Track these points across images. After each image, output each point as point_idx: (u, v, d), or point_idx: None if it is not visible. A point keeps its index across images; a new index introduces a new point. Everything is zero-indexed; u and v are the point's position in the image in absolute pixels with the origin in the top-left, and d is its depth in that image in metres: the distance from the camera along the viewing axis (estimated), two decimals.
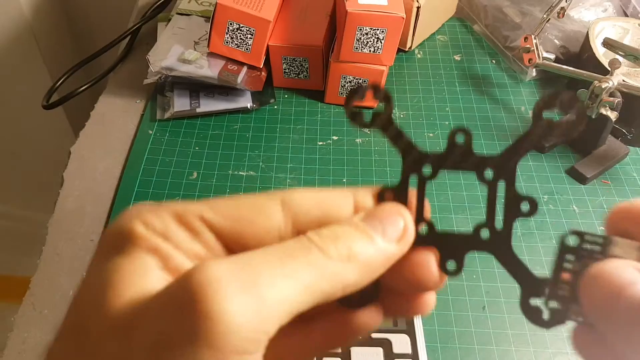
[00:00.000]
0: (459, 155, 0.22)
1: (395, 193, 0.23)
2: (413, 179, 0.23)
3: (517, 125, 0.59)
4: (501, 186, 0.22)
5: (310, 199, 0.21)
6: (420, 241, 0.22)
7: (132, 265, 0.18)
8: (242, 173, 0.54)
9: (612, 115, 0.51)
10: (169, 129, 0.58)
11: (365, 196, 0.22)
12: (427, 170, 0.23)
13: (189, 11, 0.65)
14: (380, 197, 0.23)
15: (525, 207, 0.22)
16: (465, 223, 0.50)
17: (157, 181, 0.53)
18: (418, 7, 0.63)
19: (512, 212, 0.22)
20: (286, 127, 0.59)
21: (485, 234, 0.22)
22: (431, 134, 0.58)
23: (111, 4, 0.91)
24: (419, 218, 0.23)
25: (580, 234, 0.21)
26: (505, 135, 0.58)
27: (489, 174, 0.22)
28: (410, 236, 0.22)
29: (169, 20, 0.65)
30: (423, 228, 0.23)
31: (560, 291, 0.21)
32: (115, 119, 0.60)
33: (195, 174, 0.54)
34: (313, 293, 0.18)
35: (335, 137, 0.58)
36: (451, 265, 0.22)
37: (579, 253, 0.21)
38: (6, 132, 0.94)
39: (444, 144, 0.23)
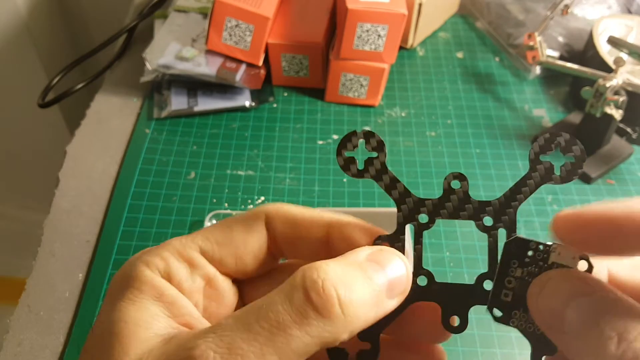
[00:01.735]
0: (455, 202, 0.22)
1: (390, 243, 0.22)
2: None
3: (521, 124, 0.58)
4: (502, 233, 0.22)
5: (289, 218, 0.23)
6: (420, 295, 0.22)
7: (138, 315, 0.19)
8: (241, 173, 0.53)
9: (617, 114, 0.51)
10: (166, 127, 0.57)
11: (342, 224, 0.23)
12: (423, 218, 0.22)
13: (186, 8, 0.64)
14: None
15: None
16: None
17: (154, 181, 0.52)
18: (420, 4, 0.62)
19: None
20: (285, 125, 0.58)
21: (488, 285, 0.22)
22: (433, 133, 0.57)
23: (108, 2, 0.90)
24: (418, 269, 0.22)
25: (523, 241, 0.21)
26: (508, 134, 0.57)
27: (488, 221, 0.22)
28: (407, 289, 0.21)
29: (166, 17, 0.64)
30: (422, 279, 0.22)
31: (504, 297, 0.21)
32: (111, 118, 0.59)
33: (193, 174, 0.53)
34: (303, 357, 0.18)
35: (335, 136, 0.57)
36: (455, 321, 0.22)
37: (523, 260, 0.21)
38: (1, 131, 0.93)
39: (444, 142, 0.22)
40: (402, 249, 0.22)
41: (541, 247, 0.21)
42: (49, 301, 0.44)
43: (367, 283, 0.20)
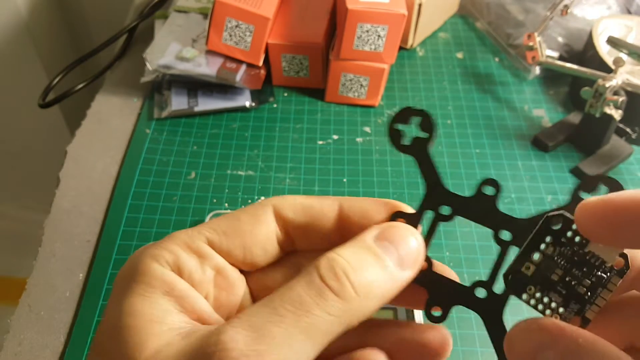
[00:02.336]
0: (482, 207, 0.22)
1: (407, 221, 0.23)
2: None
3: (521, 124, 0.58)
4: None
5: (298, 207, 0.22)
6: (415, 279, 0.22)
7: (150, 310, 0.19)
8: (241, 173, 0.54)
9: (617, 114, 0.51)
10: (167, 128, 0.58)
11: (351, 205, 0.23)
12: (446, 210, 0.23)
13: (186, 8, 0.64)
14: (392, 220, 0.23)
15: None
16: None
17: (154, 181, 0.53)
18: (420, 4, 0.62)
19: None
20: (285, 126, 0.58)
21: (481, 293, 0.22)
22: None
23: (108, 2, 0.90)
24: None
25: (568, 220, 0.20)
26: (508, 134, 0.57)
27: (506, 235, 0.22)
28: (422, 260, 0.22)
29: (167, 17, 0.64)
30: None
31: (525, 270, 0.21)
32: (112, 118, 0.59)
33: (193, 174, 0.53)
34: (328, 337, 0.19)
35: (335, 136, 0.57)
36: (436, 312, 0.22)
37: (559, 239, 0.20)
38: (1, 131, 0.94)
39: (444, 142, 0.22)
40: (416, 228, 0.22)
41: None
42: (50, 301, 0.44)
43: (377, 262, 0.20)
